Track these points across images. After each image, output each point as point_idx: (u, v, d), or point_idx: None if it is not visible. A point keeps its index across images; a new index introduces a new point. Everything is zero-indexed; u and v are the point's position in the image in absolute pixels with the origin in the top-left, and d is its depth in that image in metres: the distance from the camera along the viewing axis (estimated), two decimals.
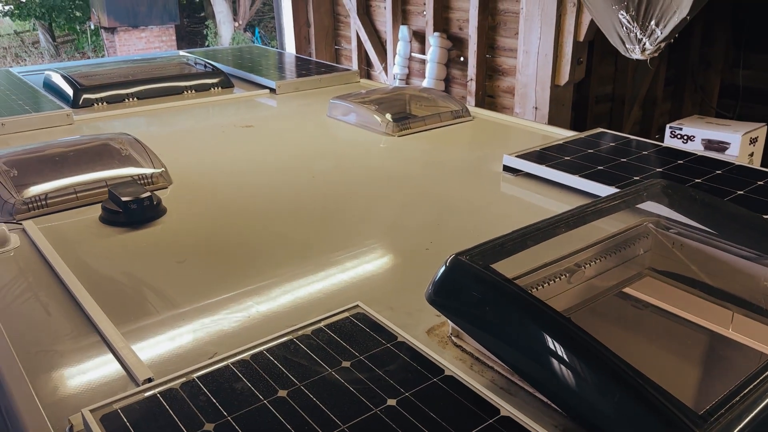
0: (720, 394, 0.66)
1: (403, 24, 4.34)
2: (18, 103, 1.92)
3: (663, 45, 2.74)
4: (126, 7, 9.53)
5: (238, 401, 0.69)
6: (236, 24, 10.79)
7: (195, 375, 0.73)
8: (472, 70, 3.85)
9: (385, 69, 4.60)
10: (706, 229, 1.04)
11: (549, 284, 0.91)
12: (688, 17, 2.59)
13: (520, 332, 0.73)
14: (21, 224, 1.18)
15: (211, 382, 0.72)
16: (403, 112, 1.90)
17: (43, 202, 1.24)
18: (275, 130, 1.87)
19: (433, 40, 4.01)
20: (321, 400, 0.69)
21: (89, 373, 0.79)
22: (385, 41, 4.57)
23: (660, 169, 1.34)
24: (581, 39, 3.16)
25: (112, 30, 9.70)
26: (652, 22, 2.76)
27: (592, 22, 3.02)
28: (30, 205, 1.23)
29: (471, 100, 3.88)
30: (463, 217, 1.26)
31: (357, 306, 0.86)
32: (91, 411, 0.68)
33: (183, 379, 0.72)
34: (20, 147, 1.45)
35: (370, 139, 1.73)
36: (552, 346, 0.70)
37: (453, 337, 0.83)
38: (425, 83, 4.08)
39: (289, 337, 0.79)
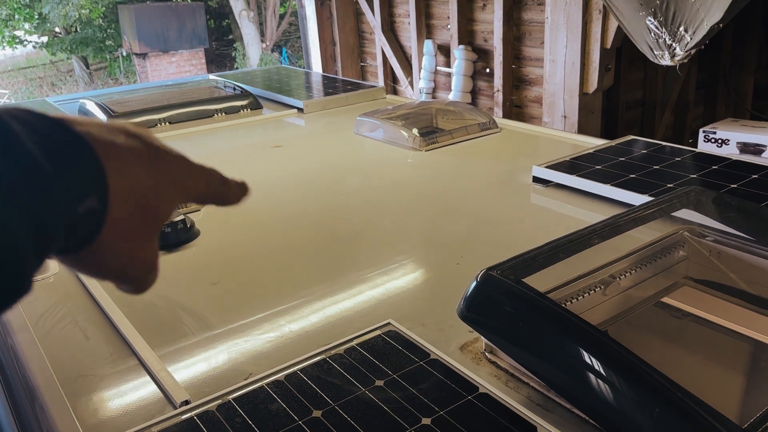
0: (764, 407, 0.64)
1: (427, 38, 4.36)
2: None
3: (693, 51, 2.69)
4: (156, 32, 9.78)
5: (274, 422, 0.69)
6: (264, 45, 10.97)
7: (231, 397, 0.74)
8: (498, 81, 3.85)
9: (411, 84, 4.62)
10: (744, 235, 1.01)
11: (583, 297, 0.89)
12: (721, 24, 2.55)
13: (554, 347, 0.72)
14: None
15: (246, 404, 0.72)
16: (429, 127, 1.90)
17: None
18: (304, 149, 1.89)
19: (458, 52, 4.02)
20: (355, 420, 0.69)
21: (127, 396, 0.80)
22: (410, 56, 4.59)
23: (694, 175, 1.31)
24: (608, 46, 3.13)
25: (143, 56, 9.96)
26: (681, 28, 2.72)
27: (619, 28, 2.99)
28: None
29: (498, 111, 3.86)
30: (494, 230, 1.25)
31: (389, 323, 0.86)
32: None
33: (219, 401, 0.73)
34: None
35: (398, 155, 1.73)
36: (588, 361, 0.68)
37: (487, 353, 0.82)
38: (452, 96, 4.08)
39: (322, 357, 0.80)
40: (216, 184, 0.48)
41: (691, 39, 2.70)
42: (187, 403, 0.75)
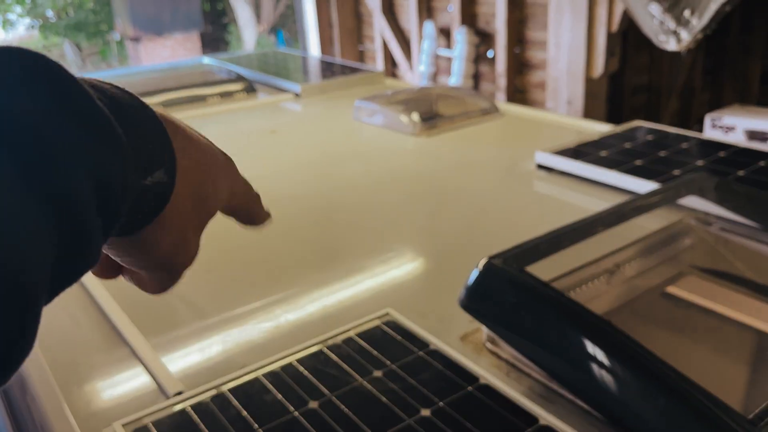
0: None
1: (428, 20, 4.30)
2: None
3: (700, 36, 2.66)
4: (149, 16, 9.68)
5: (269, 413, 0.68)
6: (260, 28, 10.88)
7: (225, 387, 0.72)
8: (501, 65, 3.80)
9: (411, 67, 4.58)
10: (751, 223, 0.99)
11: (587, 286, 0.88)
12: (728, 8, 2.50)
13: (557, 337, 0.70)
14: None
15: (241, 394, 0.71)
16: (430, 112, 1.87)
17: None
18: (300, 134, 1.86)
19: (460, 35, 3.97)
20: (353, 411, 0.67)
21: (120, 386, 0.78)
22: (410, 39, 4.54)
23: (701, 162, 1.29)
24: (614, 30, 3.09)
25: (136, 39, 9.88)
26: (686, 12, 2.68)
27: (625, 12, 2.94)
28: None
29: (501, 96, 3.83)
30: (496, 218, 1.23)
31: (387, 313, 0.84)
32: (123, 425, 0.68)
33: (213, 392, 0.71)
34: None
35: (398, 141, 1.70)
36: (592, 351, 0.67)
37: (488, 344, 0.81)
38: (453, 81, 4.04)
39: (318, 347, 0.78)
40: (253, 202, 0.49)
41: (697, 23, 2.66)
42: (180, 393, 0.73)
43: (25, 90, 0.28)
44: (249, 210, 0.49)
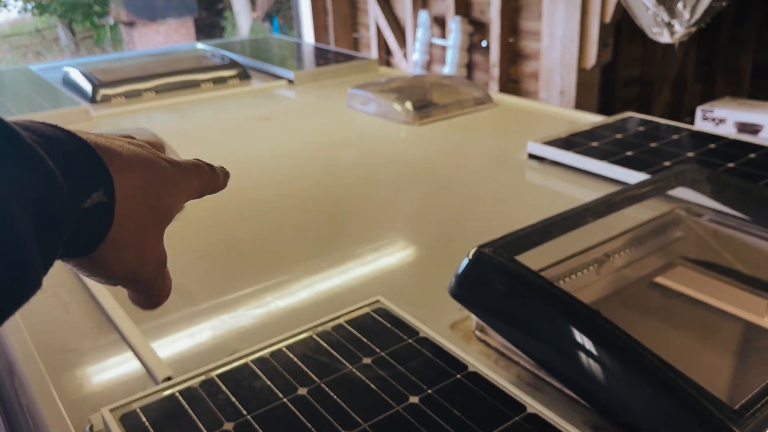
0: (756, 387, 0.63)
1: (422, 9, 4.28)
2: (37, 101, 1.94)
3: (694, 29, 2.66)
4: (143, 1, 9.58)
5: (258, 399, 0.68)
6: (254, 14, 10.80)
7: (214, 373, 0.72)
8: (494, 54, 3.80)
9: (405, 56, 4.56)
10: (740, 215, 1.00)
11: (577, 275, 0.88)
12: (723, 3, 2.50)
13: (546, 326, 0.71)
14: None
15: (230, 380, 0.71)
16: (423, 101, 1.87)
17: None
18: (293, 121, 1.85)
19: (454, 24, 3.96)
20: (342, 397, 0.67)
21: (109, 371, 0.78)
22: (405, 27, 4.52)
23: (691, 154, 1.29)
24: (608, 20, 3.08)
25: (130, 24, 9.78)
26: (679, 5, 2.68)
27: (618, 2, 2.94)
28: None
29: (494, 86, 3.82)
30: (487, 208, 1.23)
31: (378, 301, 0.84)
32: (111, 410, 0.67)
33: (202, 378, 0.71)
34: None
35: (390, 129, 1.70)
36: (580, 340, 0.67)
37: (477, 332, 0.81)
38: (446, 70, 4.03)
39: (308, 334, 0.78)
40: (207, 177, 0.50)
41: (690, 16, 2.66)
42: (169, 379, 0.73)
43: None
44: (208, 186, 0.51)
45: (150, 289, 0.45)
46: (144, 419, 0.66)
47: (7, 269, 0.31)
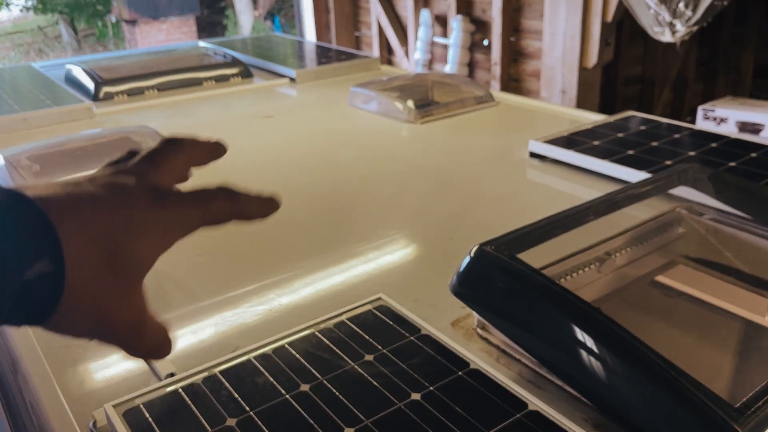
0: (757, 386, 0.63)
1: (424, 8, 4.28)
2: (39, 98, 1.94)
3: (695, 28, 2.66)
4: None
5: (261, 396, 0.68)
6: (256, 13, 10.79)
7: (217, 369, 0.72)
8: (496, 53, 3.79)
9: (407, 55, 4.56)
10: (742, 214, 1.00)
11: (578, 274, 0.88)
12: (725, 2, 2.50)
13: (547, 323, 0.71)
14: None
15: (233, 377, 0.71)
16: (425, 99, 1.87)
17: None
18: (295, 119, 1.86)
19: (456, 23, 3.95)
20: (344, 394, 0.68)
21: (112, 367, 0.78)
22: (407, 26, 4.52)
23: (692, 153, 1.29)
24: (609, 19, 3.08)
25: (132, 22, 9.79)
26: (681, 4, 2.67)
27: (620, 2, 2.94)
28: None
29: (495, 85, 3.82)
30: (489, 206, 1.23)
31: (380, 298, 0.85)
32: (114, 406, 0.68)
33: (205, 374, 0.72)
34: (42, 142, 1.46)
35: (392, 128, 1.70)
36: (581, 338, 0.67)
37: (478, 330, 0.81)
38: (448, 68, 4.03)
39: (311, 331, 0.78)
40: (222, 206, 0.44)
41: (692, 15, 2.66)
42: (172, 375, 0.73)
43: None
44: (225, 217, 0.45)
45: (133, 345, 0.41)
46: (147, 415, 0.66)
47: None
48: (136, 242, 0.38)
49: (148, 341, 0.41)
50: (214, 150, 0.45)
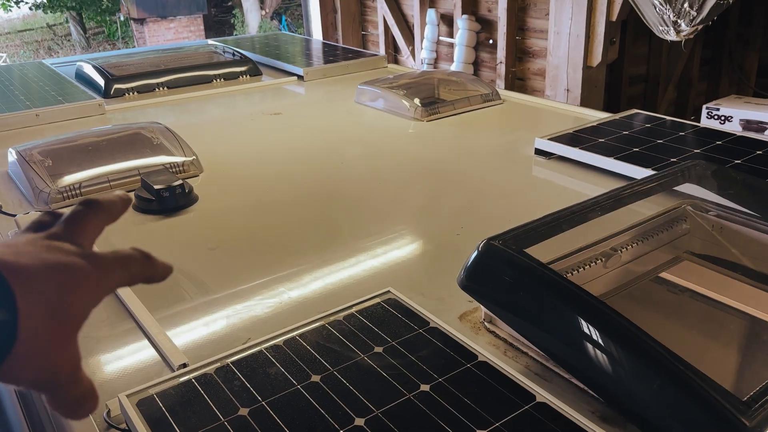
0: (764, 380, 0.64)
1: (430, 7, 4.29)
2: (51, 94, 1.96)
3: (700, 27, 2.66)
4: None
5: (272, 386, 0.69)
6: (263, 12, 10.81)
7: (229, 360, 0.74)
8: (501, 52, 3.80)
9: (413, 53, 4.57)
10: (747, 210, 1.00)
11: (584, 269, 0.89)
12: (730, 1, 2.50)
13: (555, 317, 0.72)
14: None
15: (245, 367, 0.72)
16: (431, 97, 1.88)
17: (77, 191, 1.26)
18: (303, 117, 1.87)
19: (461, 22, 3.96)
20: (354, 385, 0.69)
21: (125, 358, 0.80)
22: (413, 25, 4.52)
23: (697, 150, 1.30)
24: (614, 18, 3.08)
25: (141, 21, 9.82)
26: (686, 4, 2.67)
27: (625, 1, 2.94)
28: (65, 194, 1.25)
29: (501, 84, 3.82)
30: (495, 202, 1.24)
31: (388, 291, 0.86)
32: (128, 396, 0.69)
33: (217, 365, 0.73)
34: (54, 137, 1.47)
35: (399, 125, 1.71)
36: (588, 331, 0.68)
37: (486, 323, 0.82)
38: (453, 67, 4.03)
39: (321, 323, 0.79)
40: (138, 268, 0.47)
41: (696, 14, 2.66)
42: (185, 366, 0.75)
43: None
44: (139, 279, 0.48)
45: (66, 394, 0.43)
46: (160, 404, 0.68)
47: None
48: (74, 297, 0.42)
49: (79, 390, 0.44)
50: (124, 204, 0.50)
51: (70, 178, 1.27)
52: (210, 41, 2.79)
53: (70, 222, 0.46)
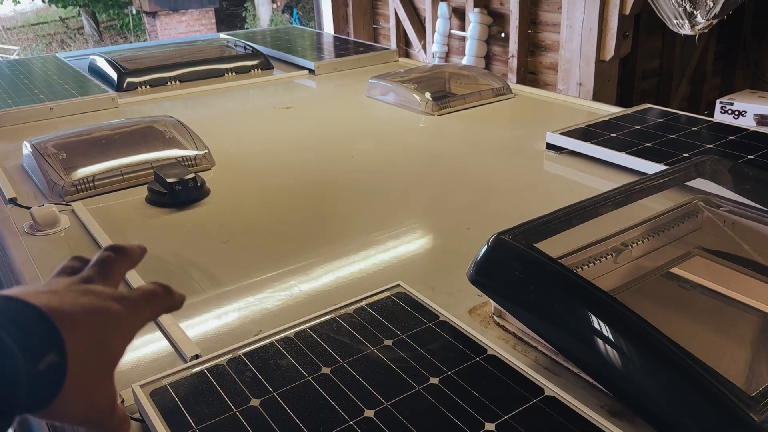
0: None
1: (442, 0, 4.27)
2: (65, 88, 1.97)
3: (715, 21, 2.63)
4: None
5: (283, 377, 0.70)
6: (274, 6, 10.82)
7: (241, 352, 0.74)
8: (513, 46, 3.78)
9: (424, 47, 4.55)
10: (759, 206, 1.00)
11: (594, 264, 0.89)
12: None
13: (564, 312, 0.72)
14: (70, 205, 1.22)
15: (256, 359, 0.73)
16: (442, 91, 1.88)
17: (91, 184, 1.28)
18: (314, 110, 1.87)
19: (473, 16, 3.94)
20: (364, 377, 0.69)
21: (139, 349, 0.81)
22: (424, 19, 4.51)
23: (710, 146, 1.29)
24: (627, 12, 3.06)
25: (153, 14, 9.85)
26: None
27: None
28: (78, 187, 1.26)
29: (512, 77, 3.81)
30: (505, 197, 1.24)
31: (398, 285, 0.86)
32: (141, 386, 0.70)
33: (229, 356, 0.74)
34: (68, 130, 1.49)
35: (410, 119, 1.71)
36: (598, 326, 0.68)
37: (495, 317, 0.83)
38: (465, 61, 4.02)
39: (331, 316, 0.80)
40: (161, 302, 0.52)
41: (712, 6, 2.63)
42: (197, 357, 0.76)
43: None
44: (163, 311, 0.53)
45: (105, 425, 0.47)
46: (173, 394, 0.69)
47: None
48: (111, 337, 0.46)
49: (116, 420, 0.49)
50: (141, 253, 0.55)
51: (83, 171, 1.29)
52: (222, 35, 2.80)
53: (100, 266, 0.50)
